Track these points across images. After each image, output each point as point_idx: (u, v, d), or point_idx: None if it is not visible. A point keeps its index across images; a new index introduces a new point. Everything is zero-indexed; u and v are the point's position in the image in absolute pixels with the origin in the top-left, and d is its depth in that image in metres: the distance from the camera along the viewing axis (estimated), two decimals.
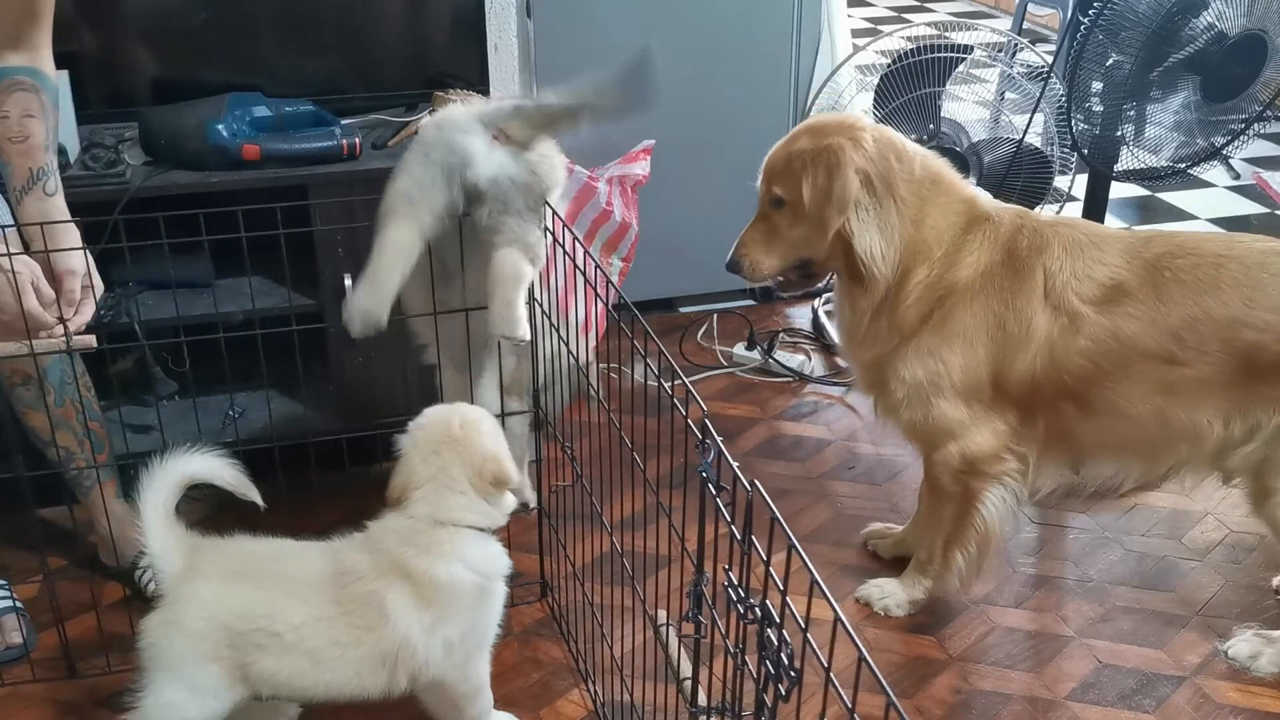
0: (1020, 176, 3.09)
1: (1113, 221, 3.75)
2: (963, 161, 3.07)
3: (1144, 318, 1.92)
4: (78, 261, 1.85)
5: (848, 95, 3.13)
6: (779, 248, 2.07)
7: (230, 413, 2.42)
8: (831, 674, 1.06)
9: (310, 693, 1.65)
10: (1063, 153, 3.14)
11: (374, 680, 1.65)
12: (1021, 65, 3.60)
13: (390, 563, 1.64)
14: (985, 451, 2.02)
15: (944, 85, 3.04)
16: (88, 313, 1.86)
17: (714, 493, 1.27)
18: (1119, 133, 2.81)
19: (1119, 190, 3.43)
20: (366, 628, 1.62)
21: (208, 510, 2.31)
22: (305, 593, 1.63)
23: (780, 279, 2.14)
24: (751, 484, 1.17)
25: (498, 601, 1.74)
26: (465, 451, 1.68)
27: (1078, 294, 1.95)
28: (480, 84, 2.59)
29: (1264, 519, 2.01)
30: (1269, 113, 2.77)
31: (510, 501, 1.74)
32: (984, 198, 2.07)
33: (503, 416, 1.94)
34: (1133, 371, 1.94)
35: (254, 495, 1.69)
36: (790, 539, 1.13)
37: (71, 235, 1.86)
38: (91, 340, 1.85)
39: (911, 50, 3.03)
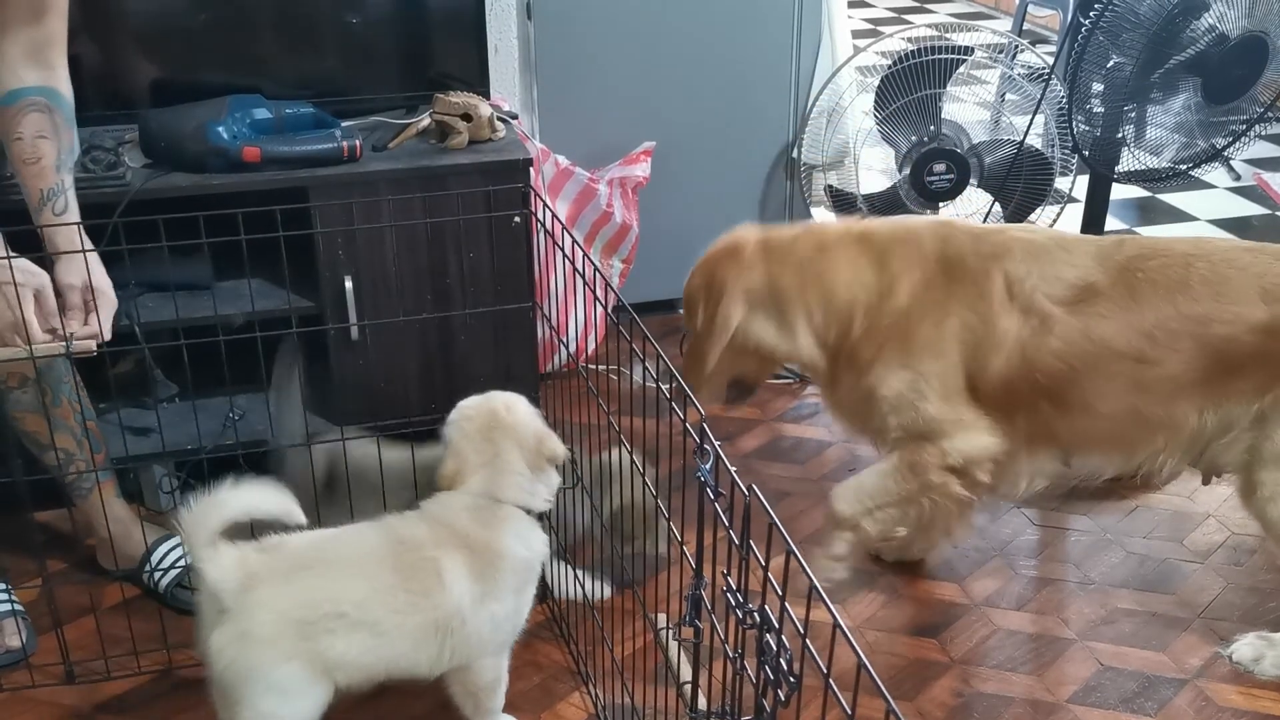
0: (1021, 178, 3.09)
1: (1113, 223, 3.74)
2: (963, 163, 3.07)
3: (1117, 318, 1.95)
4: (77, 275, 1.87)
5: (848, 97, 3.13)
6: (715, 372, 2.13)
7: (230, 415, 2.42)
8: (831, 679, 1.06)
9: (376, 671, 1.65)
10: (1063, 154, 3.14)
11: (426, 652, 1.67)
12: (1022, 67, 3.60)
13: (451, 534, 1.69)
14: (980, 453, 2.02)
15: (944, 87, 3.04)
16: (95, 325, 1.88)
17: (712, 498, 1.27)
18: (1120, 134, 2.81)
19: (1120, 192, 3.42)
20: (423, 593, 1.64)
21: None
22: (364, 568, 1.65)
23: (727, 397, 2.25)
24: (749, 489, 1.17)
25: (534, 588, 1.79)
26: (517, 434, 1.75)
27: (1048, 296, 1.96)
28: (480, 85, 2.59)
29: (1252, 512, 2.03)
30: (1270, 114, 2.77)
31: (555, 481, 1.80)
32: (878, 224, 2.10)
33: None
34: (1107, 370, 1.96)
35: (300, 517, 1.65)
36: (789, 545, 1.12)
37: (75, 250, 1.88)
38: (91, 345, 1.86)
39: (912, 52, 3.03)
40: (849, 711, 1.03)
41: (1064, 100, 2.89)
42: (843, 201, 3.20)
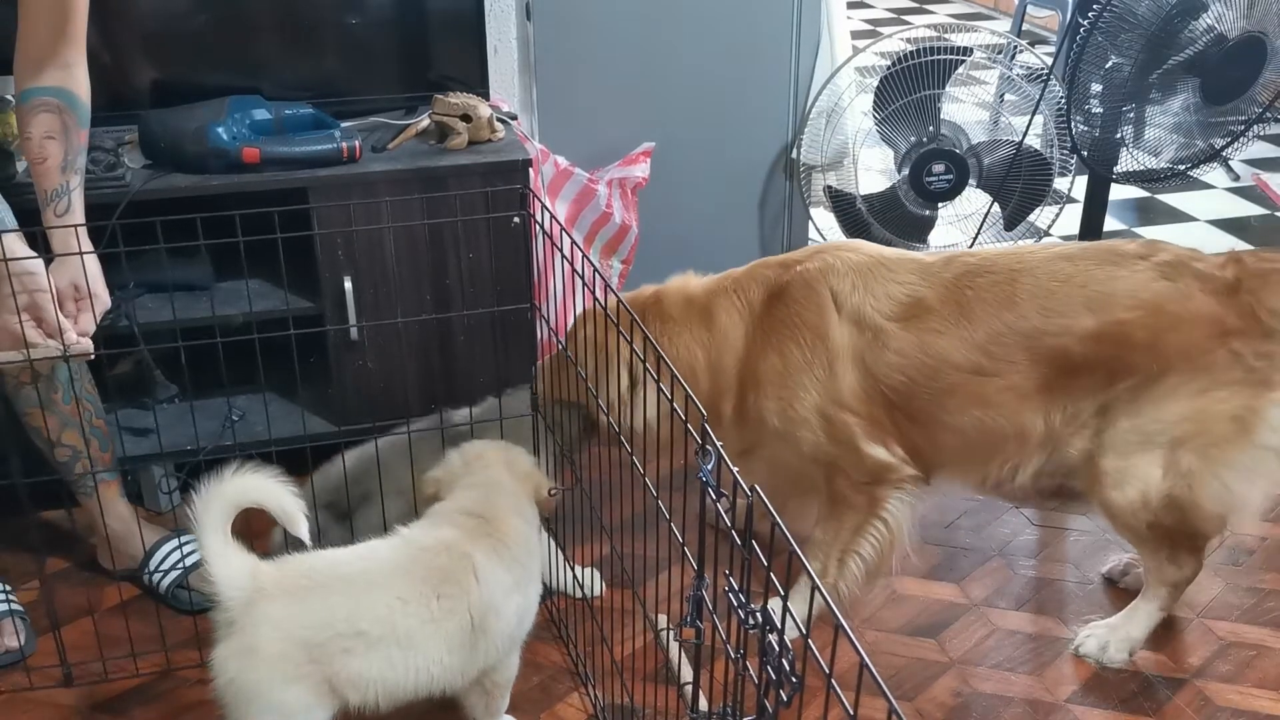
0: (1020, 179, 3.09)
1: (1112, 224, 3.75)
2: (962, 164, 3.07)
3: (950, 334, 1.96)
4: (68, 276, 1.90)
5: (847, 97, 3.13)
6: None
7: (229, 416, 2.41)
8: (833, 679, 1.06)
9: (402, 687, 1.61)
10: (1062, 155, 3.14)
11: (459, 657, 1.65)
12: (1021, 67, 3.60)
13: (475, 525, 1.70)
14: (881, 460, 2.02)
15: (943, 88, 3.05)
16: (85, 323, 1.88)
17: (714, 499, 1.27)
18: (1118, 135, 2.81)
19: (1118, 192, 3.43)
20: (461, 594, 1.63)
21: None
22: (384, 582, 1.60)
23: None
24: (752, 489, 1.17)
25: (539, 579, 1.81)
26: (506, 457, 1.82)
27: (878, 310, 1.98)
28: (480, 86, 2.59)
29: (1097, 503, 2.02)
30: (1268, 114, 2.77)
31: (536, 520, 1.82)
32: (697, 284, 2.09)
33: None
34: (946, 383, 1.97)
35: (303, 530, 1.58)
36: (792, 546, 1.12)
37: (71, 252, 1.90)
38: (89, 346, 1.86)
39: (911, 52, 3.03)
40: (851, 712, 1.03)
41: (1063, 101, 2.90)
42: (842, 202, 3.20)
